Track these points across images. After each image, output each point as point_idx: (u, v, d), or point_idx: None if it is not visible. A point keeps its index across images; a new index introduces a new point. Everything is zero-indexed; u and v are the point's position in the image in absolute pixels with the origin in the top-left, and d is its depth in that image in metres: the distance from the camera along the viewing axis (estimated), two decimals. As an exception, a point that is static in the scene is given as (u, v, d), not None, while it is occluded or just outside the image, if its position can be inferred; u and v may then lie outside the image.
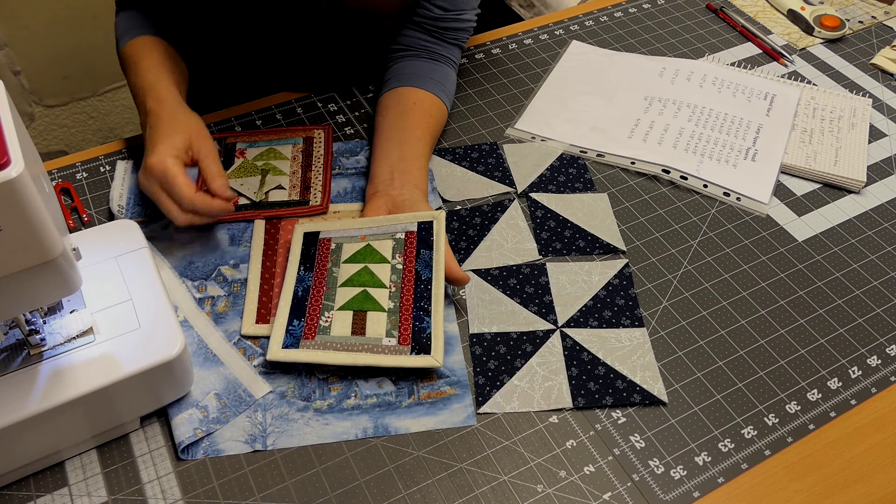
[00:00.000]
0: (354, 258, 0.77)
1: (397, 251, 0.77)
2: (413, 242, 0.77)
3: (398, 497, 0.65)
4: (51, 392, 0.61)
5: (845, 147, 0.98)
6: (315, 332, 0.71)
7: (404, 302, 0.73)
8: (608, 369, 0.74)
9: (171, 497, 0.65)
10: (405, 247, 0.77)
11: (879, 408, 0.73)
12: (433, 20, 0.94)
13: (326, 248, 0.78)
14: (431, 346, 0.71)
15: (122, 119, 1.97)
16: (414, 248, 0.77)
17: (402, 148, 0.86)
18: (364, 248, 0.77)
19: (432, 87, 0.92)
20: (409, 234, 0.77)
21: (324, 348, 0.70)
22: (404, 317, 0.72)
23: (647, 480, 0.67)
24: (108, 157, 0.92)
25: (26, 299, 0.57)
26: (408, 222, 0.78)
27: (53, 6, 1.70)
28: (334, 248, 0.78)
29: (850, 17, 1.20)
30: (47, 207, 0.53)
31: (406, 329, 0.72)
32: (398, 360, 0.70)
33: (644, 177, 0.94)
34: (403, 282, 0.75)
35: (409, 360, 0.70)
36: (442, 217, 0.78)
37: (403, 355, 0.70)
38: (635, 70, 1.07)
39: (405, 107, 0.90)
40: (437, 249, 0.76)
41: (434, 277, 0.75)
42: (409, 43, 0.96)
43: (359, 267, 0.76)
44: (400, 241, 0.77)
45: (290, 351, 0.71)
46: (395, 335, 0.71)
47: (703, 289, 0.82)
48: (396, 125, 0.88)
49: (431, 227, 0.78)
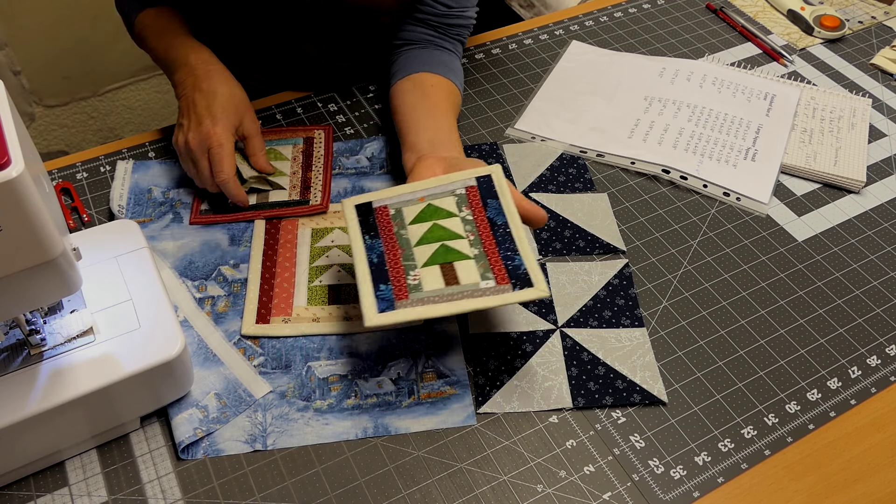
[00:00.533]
0: (420, 218, 0.74)
1: (462, 205, 0.74)
2: (476, 195, 0.75)
3: (398, 497, 0.65)
4: (51, 392, 0.61)
5: (845, 147, 0.98)
6: (406, 292, 0.69)
7: (487, 247, 0.71)
8: (608, 369, 0.74)
9: (171, 497, 0.65)
10: (469, 200, 0.74)
11: (879, 408, 0.73)
12: (438, 16, 0.95)
13: (385, 214, 0.75)
14: (532, 278, 0.67)
15: (122, 119, 1.97)
16: (479, 200, 0.74)
17: (435, 121, 0.85)
18: (426, 208, 0.74)
19: (446, 72, 0.93)
20: (469, 189, 0.75)
21: (422, 304, 0.67)
22: (493, 259, 0.70)
23: (647, 480, 0.67)
24: (108, 157, 0.92)
25: (26, 299, 0.57)
26: (465, 178, 0.76)
27: (53, 6, 1.70)
28: (394, 213, 0.75)
29: (849, 17, 1.20)
30: (47, 207, 0.53)
31: (500, 269, 0.69)
32: (504, 299, 0.67)
33: (644, 177, 0.94)
34: (479, 230, 0.72)
35: (514, 297, 0.66)
36: (499, 170, 0.76)
37: (506, 293, 0.67)
38: (635, 70, 1.07)
39: (424, 89, 0.90)
40: (504, 196, 0.74)
41: (509, 221, 0.72)
42: (414, 37, 0.96)
43: (428, 225, 0.73)
44: (462, 195, 0.75)
45: (388, 314, 0.67)
46: (490, 277, 0.68)
47: (703, 289, 0.82)
48: (421, 104, 0.88)
49: (491, 181, 0.75)
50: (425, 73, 0.92)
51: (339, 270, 0.80)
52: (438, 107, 0.88)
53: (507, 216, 0.72)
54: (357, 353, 0.74)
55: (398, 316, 0.67)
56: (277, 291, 0.78)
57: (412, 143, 0.83)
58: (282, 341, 0.75)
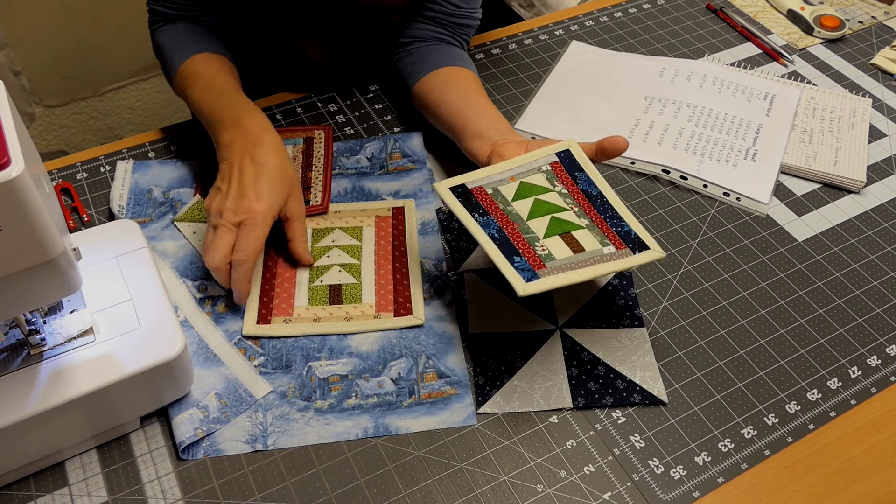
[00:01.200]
0: (519, 195, 0.74)
1: (553, 180, 0.75)
2: (562, 170, 0.76)
3: (398, 497, 0.65)
4: (51, 392, 0.61)
5: (845, 147, 0.98)
6: (540, 261, 0.69)
7: (593, 216, 0.73)
8: (608, 369, 0.74)
9: (171, 497, 0.65)
10: (557, 175, 0.76)
11: (879, 408, 0.73)
12: (447, 15, 0.96)
13: (484, 193, 0.75)
14: (645, 241, 0.71)
15: (122, 119, 1.97)
16: (566, 174, 0.76)
17: (489, 110, 0.86)
18: (521, 186, 0.75)
19: (468, 65, 0.94)
20: (553, 165, 0.76)
21: (562, 271, 0.68)
22: (603, 227, 0.72)
23: (647, 480, 0.67)
24: (108, 157, 0.92)
25: (26, 299, 0.57)
26: (547, 155, 0.77)
27: (53, 6, 1.70)
28: (492, 192, 0.75)
29: (849, 17, 1.20)
30: (47, 207, 0.53)
31: (613, 236, 0.72)
32: (630, 262, 0.70)
33: (644, 177, 0.94)
34: (579, 202, 0.74)
35: (637, 260, 0.70)
36: (575, 143, 0.78)
37: (629, 257, 0.70)
38: (635, 70, 1.07)
39: (458, 80, 0.91)
40: (588, 167, 0.76)
41: (602, 191, 0.75)
42: (423, 35, 0.96)
43: (530, 200, 0.74)
44: (549, 171, 0.76)
45: (537, 282, 0.67)
46: (609, 243, 0.71)
47: (703, 289, 0.82)
48: (468, 93, 0.89)
49: (571, 154, 0.77)
50: (452, 68, 0.92)
51: (340, 270, 0.80)
52: (482, 97, 0.89)
53: (599, 186, 0.75)
54: (357, 353, 0.74)
55: (547, 283, 0.67)
56: (278, 291, 0.78)
57: (478, 131, 0.83)
58: (282, 341, 0.75)
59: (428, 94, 0.91)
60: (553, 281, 0.67)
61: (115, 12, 1.77)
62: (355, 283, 0.79)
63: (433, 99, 0.90)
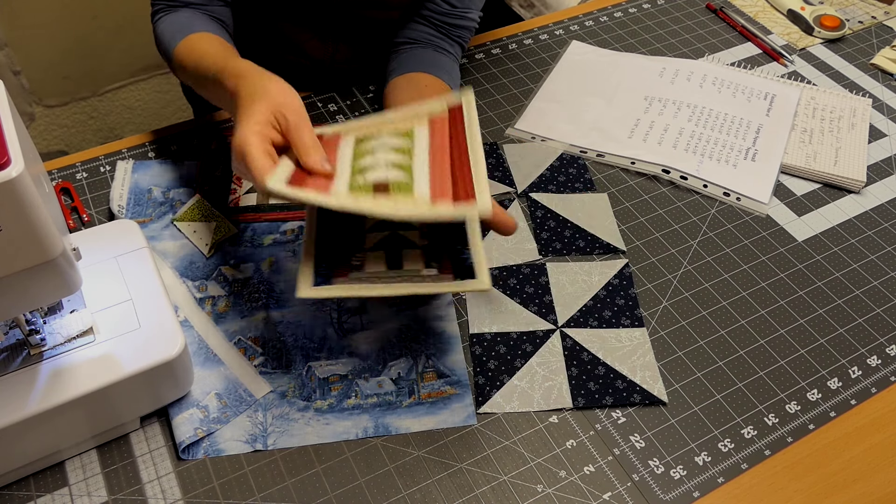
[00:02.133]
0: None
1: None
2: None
3: (398, 497, 0.65)
4: (51, 392, 0.61)
5: (845, 147, 0.98)
6: (346, 270, 0.66)
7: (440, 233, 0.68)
8: (608, 369, 0.74)
9: (171, 497, 0.65)
10: None
11: (879, 408, 0.73)
12: (441, 15, 0.95)
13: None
14: (476, 271, 0.63)
15: (122, 119, 1.97)
16: None
17: None
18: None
19: (441, 74, 0.93)
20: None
21: (359, 282, 0.65)
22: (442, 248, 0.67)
23: (647, 480, 0.67)
24: (108, 157, 0.92)
25: (26, 299, 0.57)
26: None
27: (53, 6, 1.70)
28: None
29: (849, 17, 1.20)
30: (47, 207, 0.53)
31: (447, 258, 0.67)
32: (442, 287, 0.65)
33: (644, 177, 0.94)
34: None
35: (453, 286, 0.65)
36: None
37: (447, 282, 0.65)
38: (635, 70, 1.07)
39: (419, 88, 0.90)
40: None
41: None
42: (415, 36, 0.96)
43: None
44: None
45: (321, 288, 0.65)
46: (433, 266, 0.67)
47: (703, 289, 0.82)
48: (410, 101, 0.87)
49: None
50: (421, 73, 0.92)
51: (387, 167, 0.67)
52: None
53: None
54: (357, 353, 0.74)
55: (333, 291, 0.64)
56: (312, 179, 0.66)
57: None
58: (282, 341, 0.75)
59: (386, 96, 0.92)
60: (340, 290, 0.64)
61: (115, 12, 1.77)
62: (406, 181, 0.65)
63: (386, 102, 0.92)
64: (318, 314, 0.77)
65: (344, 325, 0.76)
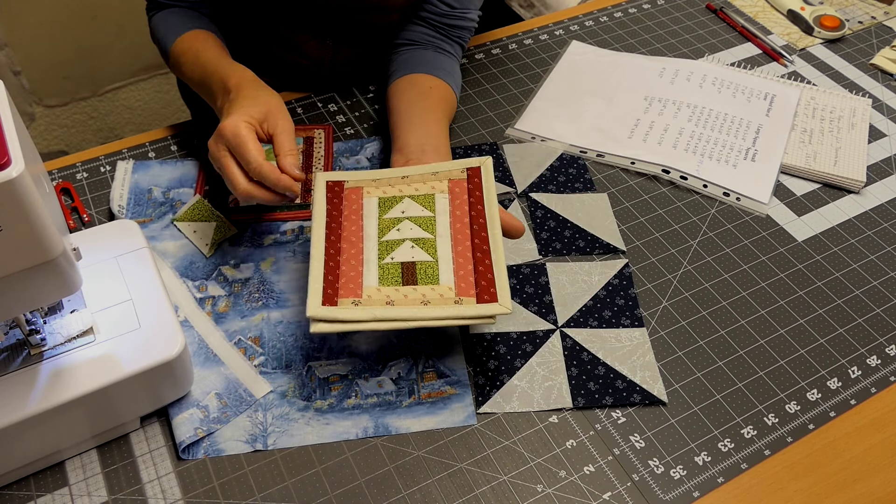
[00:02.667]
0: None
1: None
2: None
3: (398, 497, 0.65)
4: (51, 392, 0.61)
5: (845, 147, 0.98)
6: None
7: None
8: (608, 369, 0.74)
9: (171, 497, 0.65)
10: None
11: (879, 408, 0.73)
12: (440, 16, 0.95)
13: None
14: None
15: (122, 119, 1.97)
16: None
17: (426, 126, 0.85)
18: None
19: (444, 76, 0.93)
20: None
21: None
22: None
23: (646, 480, 0.67)
24: (108, 157, 0.92)
25: (26, 299, 0.57)
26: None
27: (53, 6, 1.70)
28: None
29: (849, 17, 1.20)
30: (47, 207, 0.53)
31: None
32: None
33: (644, 177, 0.94)
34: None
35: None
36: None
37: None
38: (635, 70, 1.07)
39: (422, 90, 0.90)
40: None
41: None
42: (415, 37, 0.96)
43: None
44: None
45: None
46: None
47: (703, 289, 0.82)
48: (417, 105, 0.88)
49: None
50: (424, 75, 0.92)
51: (413, 246, 0.71)
52: (433, 110, 0.88)
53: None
54: (357, 353, 0.74)
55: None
56: (344, 269, 0.69)
57: (402, 146, 0.83)
58: (282, 341, 0.75)
59: (390, 98, 0.92)
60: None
61: (115, 12, 1.77)
62: (431, 262, 0.69)
63: (389, 105, 0.91)
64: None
65: (344, 325, 0.76)
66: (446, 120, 0.89)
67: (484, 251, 0.69)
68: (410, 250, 0.70)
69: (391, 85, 0.93)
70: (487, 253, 0.69)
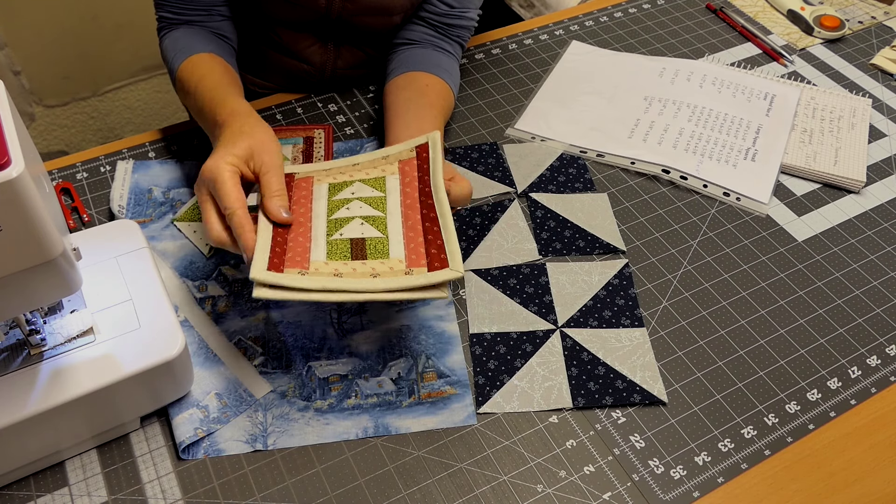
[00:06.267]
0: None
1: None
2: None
3: (398, 497, 0.65)
4: (51, 392, 0.61)
5: (845, 147, 0.98)
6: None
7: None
8: (608, 369, 0.74)
9: (171, 497, 0.65)
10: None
11: (879, 408, 0.73)
12: (439, 16, 0.95)
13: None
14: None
15: (122, 119, 1.97)
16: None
17: (421, 123, 0.85)
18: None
19: (442, 74, 0.93)
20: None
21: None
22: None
23: (647, 480, 0.67)
24: (108, 157, 0.92)
25: (26, 299, 0.57)
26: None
27: (53, 6, 1.70)
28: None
29: (849, 17, 1.20)
30: (47, 207, 0.53)
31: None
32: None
33: (644, 177, 0.94)
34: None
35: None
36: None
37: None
38: (635, 70, 1.07)
39: (419, 87, 0.90)
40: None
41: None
42: (414, 37, 0.96)
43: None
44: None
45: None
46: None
47: (703, 289, 0.82)
48: (414, 102, 0.88)
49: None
50: (421, 73, 0.92)
51: (363, 223, 0.69)
52: (429, 107, 0.87)
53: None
54: (357, 353, 0.74)
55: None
56: (292, 245, 0.67)
57: (394, 141, 0.83)
58: (282, 341, 0.75)
59: (386, 96, 0.92)
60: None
61: (115, 12, 1.77)
62: (381, 238, 0.68)
63: (386, 102, 0.91)
64: (318, 314, 0.77)
65: (344, 325, 0.76)
66: (442, 118, 0.89)
67: (432, 219, 0.68)
68: (360, 227, 0.68)
69: (389, 82, 0.93)
70: (435, 220, 0.68)
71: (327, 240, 0.67)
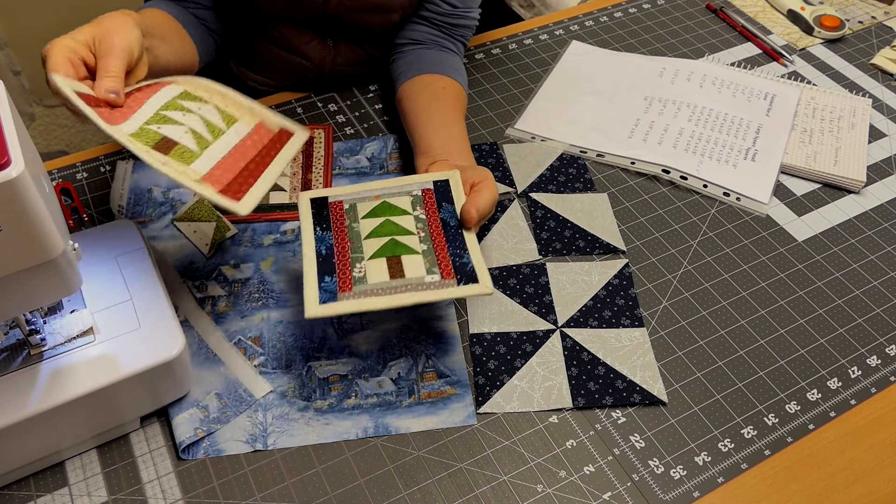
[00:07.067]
0: (373, 213, 0.74)
1: (417, 204, 0.75)
2: (432, 197, 0.75)
3: (398, 497, 0.65)
4: (51, 392, 0.61)
5: (845, 147, 0.98)
6: (350, 283, 0.68)
7: (437, 244, 0.72)
8: (608, 369, 0.74)
9: (171, 497, 0.65)
10: (424, 201, 0.75)
11: (879, 408, 0.73)
12: (443, 16, 0.95)
13: (339, 208, 0.75)
14: (478, 275, 0.69)
15: (122, 119, 1.97)
16: (434, 202, 0.75)
17: (448, 128, 0.86)
18: (381, 205, 0.75)
19: (453, 74, 0.93)
20: (425, 192, 0.76)
21: (365, 296, 0.67)
22: (441, 255, 0.71)
23: (647, 480, 0.67)
24: (108, 157, 0.92)
25: (26, 299, 0.57)
26: (423, 181, 0.77)
27: (53, 6, 1.70)
28: (348, 208, 0.75)
29: (849, 17, 1.20)
30: (47, 207, 0.53)
31: (446, 265, 0.70)
32: (446, 293, 0.67)
33: (644, 177, 0.94)
34: (430, 228, 0.73)
35: (458, 292, 0.67)
36: (457, 175, 0.77)
37: (450, 288, 0.68)
38: (635, 70, 1.07)
39: (436, 91, 0.90)
40: (459, 200, 0.74)
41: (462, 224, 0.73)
42: (418, 37, 0.96)
43: (380, 220, 0.73)
44: (417, 196, 0.75)
45: (329, 305, 0.67)
46: (436, 272, 0.69)
47: (703, 289, 0.82)
48: (434, 107, 0.88)
49: (448, 185, 0.76)
50: (434, 75, 0.92)
51: (187, 133, 0.68)
52: (450, 111, 0.88)
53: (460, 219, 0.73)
54: (357, 353, 0.74)
55: (339, 308, 0.66)
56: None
57: (426, 148, 0.83)
58: (282, 341, 0.75)
59: (404, 101, 0.92)
60: (346, 306, 0.67)
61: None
62: (192, 153, 0.67)
63: (405, 107, 0.91)
64: (318, 314, 0.77)
65: (344, 325, 0.76)
66: (463, 119, 0.89)
67: (256, 171, 0.68)
68: (181, 133, 0.67)
69: (402, 86, 0.93)
70: (258, 173, 0.68)
71: (142, 125, 0.67)
